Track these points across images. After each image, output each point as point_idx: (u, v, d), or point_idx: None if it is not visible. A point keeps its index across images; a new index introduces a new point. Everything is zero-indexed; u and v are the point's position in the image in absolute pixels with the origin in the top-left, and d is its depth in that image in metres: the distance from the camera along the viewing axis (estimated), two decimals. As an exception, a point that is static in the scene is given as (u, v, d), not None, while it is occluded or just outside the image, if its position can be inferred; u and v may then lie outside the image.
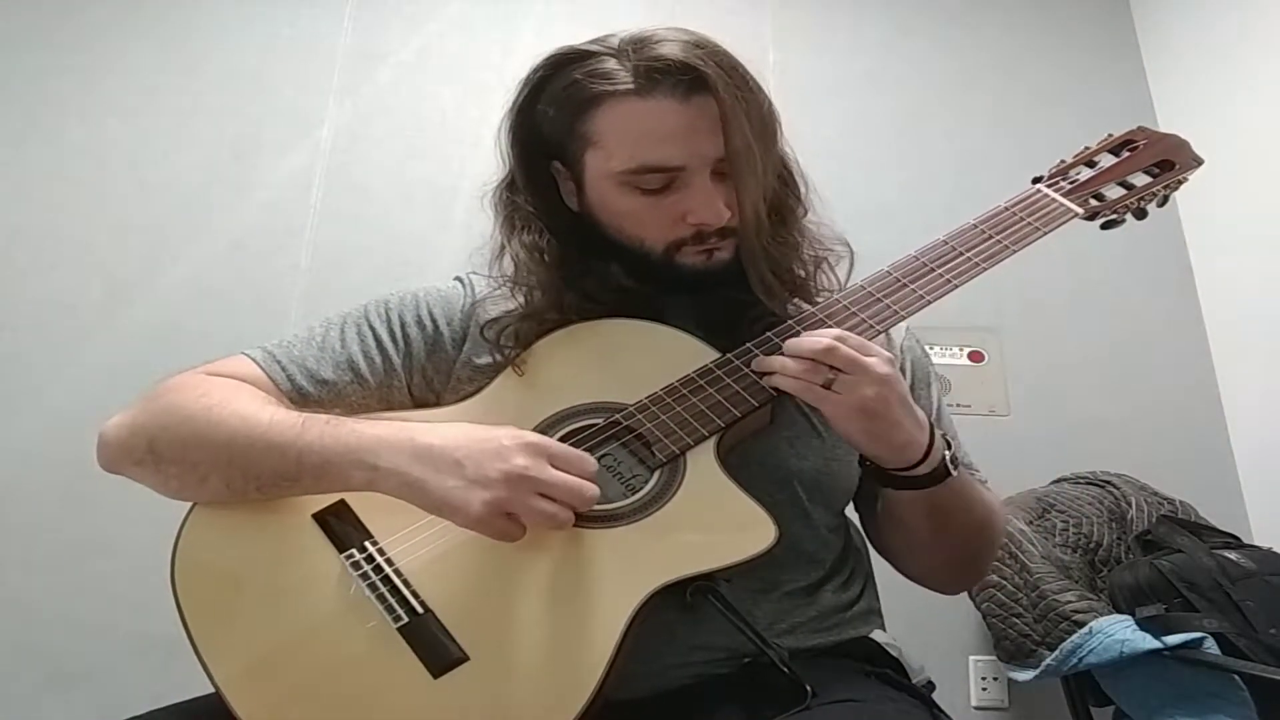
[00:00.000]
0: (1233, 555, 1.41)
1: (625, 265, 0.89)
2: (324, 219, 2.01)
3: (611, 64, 0.83)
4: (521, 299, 0.89)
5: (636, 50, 0.82)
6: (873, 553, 0.97)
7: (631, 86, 0.81)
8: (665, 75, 0.80)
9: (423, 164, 2.07)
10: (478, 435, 0.71)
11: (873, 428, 0.75)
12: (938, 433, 0.79)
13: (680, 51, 0.80)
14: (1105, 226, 0.93)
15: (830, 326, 0.82)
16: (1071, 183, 0.93)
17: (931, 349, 1.03)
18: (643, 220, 0.85)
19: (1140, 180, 0.94)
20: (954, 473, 0.79)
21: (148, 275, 1.91)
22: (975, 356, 2.01)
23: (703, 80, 0.80)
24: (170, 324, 1.87)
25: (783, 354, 0.79)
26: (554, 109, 0.86)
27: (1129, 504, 1.61)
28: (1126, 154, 0.96)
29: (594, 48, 0.85)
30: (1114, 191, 0.93)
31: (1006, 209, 0.91)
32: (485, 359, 0.89)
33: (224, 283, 1.93)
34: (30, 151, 1.98)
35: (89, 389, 1.79)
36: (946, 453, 0.79)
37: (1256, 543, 1.60)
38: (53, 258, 1.90)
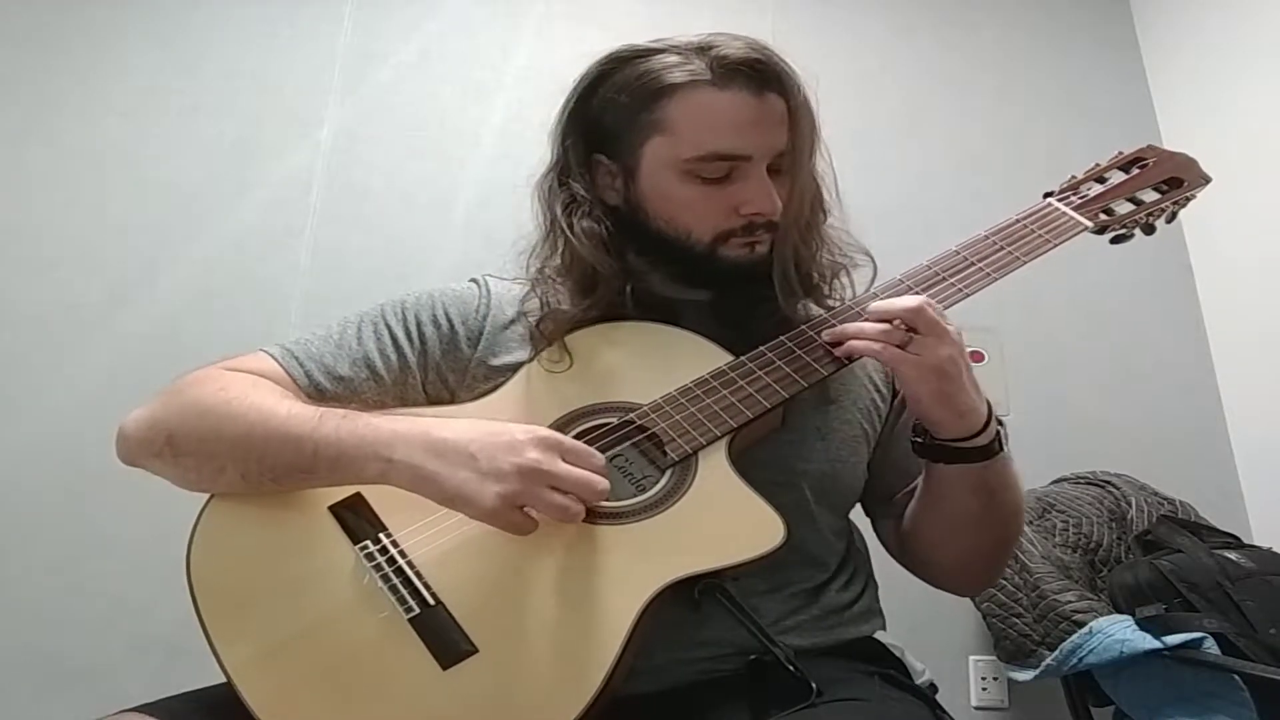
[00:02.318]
0: (1233, 555, 1.41)
1: (665, 257, 0.91)
2: (324, 219, 2.01)
3: (680, 58, 0.87)
4: (570, 287, 0.90)
5: (706, 50, 0.87)
6: (873, 555, 0.98)
7: (710, 77, 0.86)
8: (740, 70, 0.85)
9: (423, 164, 2.06)
10: (491, 429, 0.72)
11: (945, 389, 0.78)
12: (992, 406, 0.82)
13: (752, 52, 0.86)
14: (1114, 241, 0.95)
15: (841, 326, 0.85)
16: (1081, 197, 0.95)
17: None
18: (697, 210, 0.88)
19: (1149, 196, 0.95)
20: (1005, 448, 0.82)
21: (148, 275, 1.91)
22: (975, 356, 2.01)
23: (773, 78, 0.86)
24: (170, 324, 1.87)
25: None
26: (625, 96, 0.88)
27: (1129, 504, 1.61)
28: (1136, 171, 0.97)
29: (660, 46, 0.89)
30: (1123, 207, 0.94)
31: (1018, 221, 0.93)
32: (501, 359, 0.90)
33: (224, 283, 1.92)
34: (30, 151, 1.97)
35: (89, 389, 1.79)
36: (1000, 428, 0.82)
37: (1256, 543, 1.60)
38: (53, 258, 1.90)
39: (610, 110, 0.90)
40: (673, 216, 0.88)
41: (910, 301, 0.79)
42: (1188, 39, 2.22)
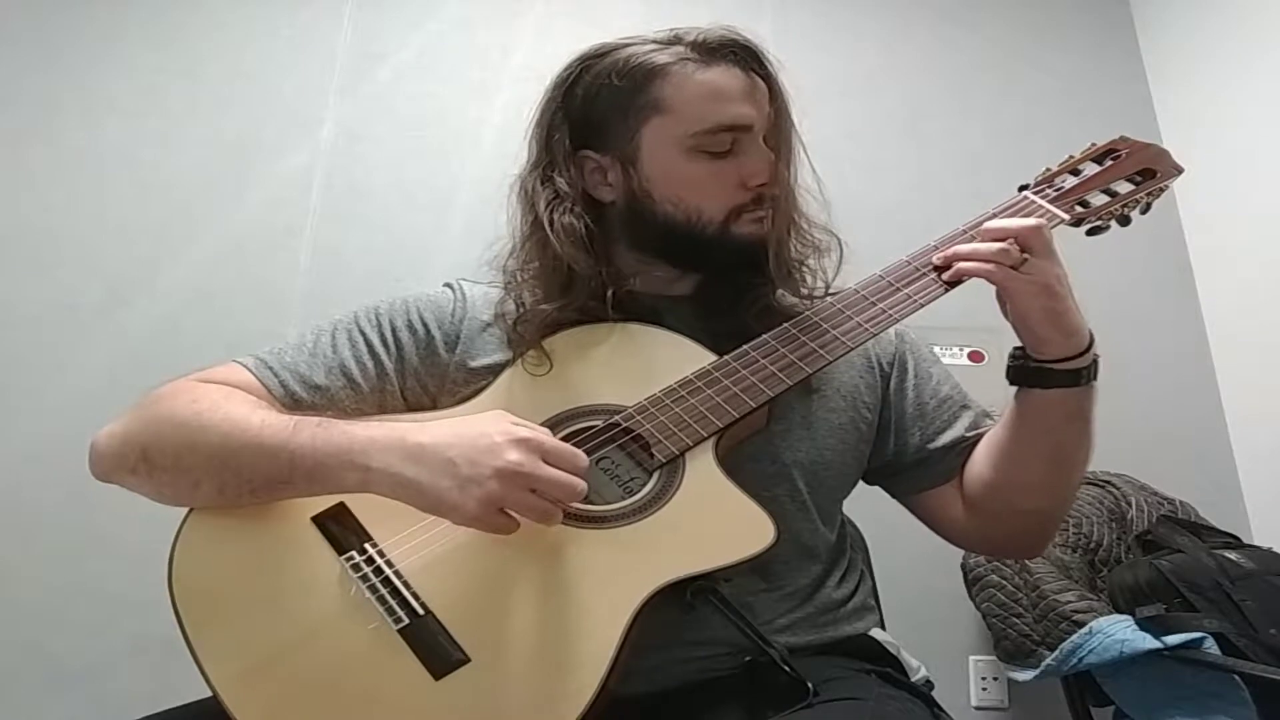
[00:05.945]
0: (1233, 555, 1.41)
1: (668, 245, 0.90)
2: (324, 219, 2.01)
3: (658, 45, 0.88)
4: (546, 286, 0.89)
5: (679, 39, 0.88)
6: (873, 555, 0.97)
7: (696, 56, 0.88)
8: (723, 48, 0.88)
9: (423, 164, 2.07)
10: (469, 432, 0.71)
11: (1055, 307, 0.80)
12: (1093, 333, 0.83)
13: (728, 33, 0.88)
14: (1091, 233, 0.94)
15: (828, 329, 0.84)
16: (1057, 190, 0.94)
17: (931, 349, 1.04)
18: (706, 187, 0.88)
19: (1123, 188, 0.94)
20: (1096, 379, 0.83)
21: (148, 275, 1.91)
22: (975, 356, 2.01)
23: (751, 57, 0.88)
24: (170, 324, 1.87)
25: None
26: (617, 80, 0.88)
27: (1129, 504, 1.61)
28: (1109, 162, 0.96)
29: (631, 40, 0.90)
30: (1098, 199, 0.93)
31: (994, 214, 0.91)
32: (480, 360, 0.89)
33: (224, 283, 1.93)
34: (30, 151, 1.98)
35: (89, 389, 1.79)
36: (1097, 355, 0.83)
37: (1256, 543, 1.60)
38: (53, 258, 1.90)
39: (599, 101, 0.89)
40: (681, 197, 0.88)
41: (1030, 221, 0.81)
42: (1188, 39, 2.21)
